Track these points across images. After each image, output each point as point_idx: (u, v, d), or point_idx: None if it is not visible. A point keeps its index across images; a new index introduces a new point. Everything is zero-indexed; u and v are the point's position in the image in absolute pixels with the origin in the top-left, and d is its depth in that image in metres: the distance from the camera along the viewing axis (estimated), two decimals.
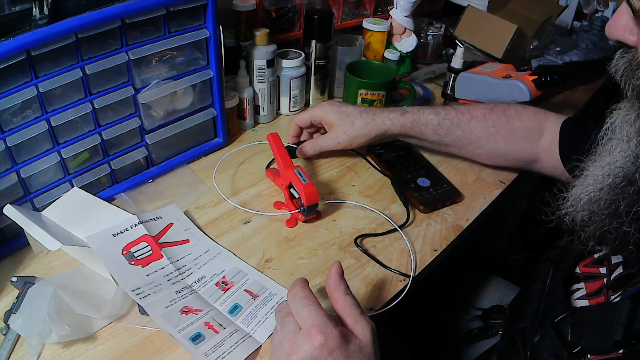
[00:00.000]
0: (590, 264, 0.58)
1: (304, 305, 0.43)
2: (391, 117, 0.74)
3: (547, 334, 0.52)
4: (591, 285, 0.56)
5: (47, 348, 0.51)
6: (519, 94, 0.89)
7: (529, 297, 0.63)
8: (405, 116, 0.74)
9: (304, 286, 0.45)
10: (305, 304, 0.43)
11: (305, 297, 0.43)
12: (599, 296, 0.54)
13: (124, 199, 0.72)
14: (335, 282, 0.45)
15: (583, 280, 0.58)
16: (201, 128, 0.81)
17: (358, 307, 0.44)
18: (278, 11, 0.95)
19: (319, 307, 0.43)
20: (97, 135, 0.67)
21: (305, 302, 0.43)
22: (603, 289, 0.54)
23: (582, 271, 0.59)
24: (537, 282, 0.63)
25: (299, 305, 0.43)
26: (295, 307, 0.44)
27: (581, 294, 0.56)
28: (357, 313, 0.43)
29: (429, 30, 1.19)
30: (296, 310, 0.43)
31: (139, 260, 0.59)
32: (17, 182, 0.60)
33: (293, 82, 0.93)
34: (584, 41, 1.23)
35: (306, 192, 0.66)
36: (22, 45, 0.53)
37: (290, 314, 0.44)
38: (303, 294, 0.44)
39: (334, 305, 0.45)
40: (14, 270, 0.60)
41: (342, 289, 0.45)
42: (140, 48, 0.65)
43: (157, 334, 0.54)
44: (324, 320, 0.41)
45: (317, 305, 0.43)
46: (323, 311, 0.42)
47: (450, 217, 0.74)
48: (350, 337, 0.42)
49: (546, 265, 0.64)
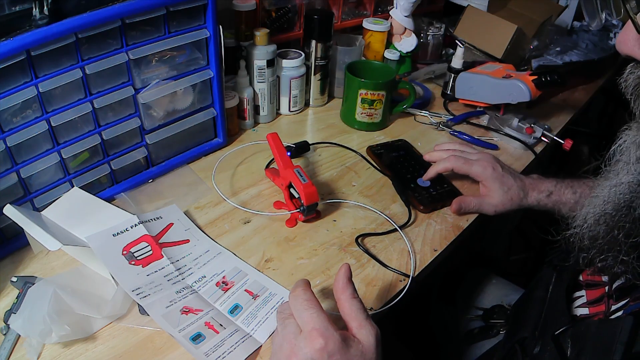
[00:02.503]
0: (592, 272, 0.58)
1: (306, 308, 0.42)
2: (539, 197, 0.74)
3: (548, 346, 0.51)
4: (592, 293, 0.55)
5: (47, 348, 0.51)
6: (519, 94, 0.89)
7: (530, 304, 0.62)
8: (549, 198, 0.74)
9: (306, 288, 0.45)
10: (306, 306, 0.43)
11: (307, 300, 0.43)
12: (600, 304, 0.53)
13: (124, 199, 0.72)
14: (343, 285, 0.45)
15: (584, 287, 0.57)
16: (201, 128, 0.81)
17: (364, 312, 0.44)
18: (278, 11, 0.95)
19: (320, 310, 0.43)
20: (97, 135, 0.67)
21: (307, 304, 0.43)
22: (604, 297, 0.53)
23: (584, 279, 0.59)
24: (539, 290, 0.63)
25: (300, 307, 0.43)
26: (296, 309, 0.43)
27: (582, 302, 0.56)
28: (362, 317, 0.43)
29: (429, 30, 1.19)
30: (297, 312, 0.43)
31: (139, 260, 0.59)
32: (17, 182, 0.60)
33: (293, 82, 0.93)
34: (584, 41, 1.23)
35: (306, 191, 0.66)
36: (22, 45, 0.53)
37: (292, 315, 0.44)
38: (305, 296, 0.44)
39: (340, 308, 0.45)
40: (14, 270, 0.60)
41: (349, 292, 0.44)
42: (140, 48, 0.65)
43: (157, 334, 0.53)
44: (325, 323, 0.41)
45: (318, 308, 0.43)
46: (324, 314, 0.42)
47: (450, 217, 0.74)
48: (351, 342, 0.41)
49: (549, 271, 0.64)
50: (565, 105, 1.11)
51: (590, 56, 1.16)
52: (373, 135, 0.94)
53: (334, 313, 0.45)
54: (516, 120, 0.95)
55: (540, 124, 0.95)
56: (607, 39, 1.31)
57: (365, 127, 0.95)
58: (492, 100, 0.96)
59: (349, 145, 0.89)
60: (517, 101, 0.90)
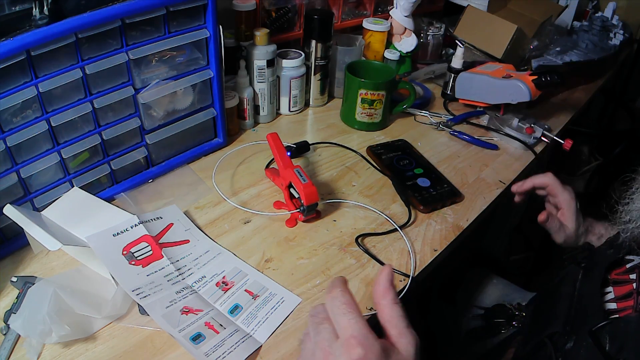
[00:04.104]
0: (622, 272, 0.59)
1: (344, 312, 0.38)
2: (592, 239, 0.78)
3: (583, 341, 0.51)
4: (619, 289, 0.56)
5: (47, 348, 0.51)
6: (519, 94, 0.89)
7: (557, 300, 0.62)
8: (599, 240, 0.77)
9: (345, 289, 0.41)
10: (345, 310, 0.39)
11: (345, 303, 0.39)
12: (628, 300, 0.54)
13: (124, 199, 0.72)
14: (385, 289, 0.40)
15: (612, 284, 0.58)
16: (201, 128, 0.81)
17: (405, 319, 0.40)
18: (278, 11, 0.95)
19: (360, 315, 0.39)
20: (97, 135, 0.67)
21: (345, 308, 0.39)
22: (633, 293, 0.54)
23: (612, 278, 0.59)
24: (565, 286, 0.63)
25: (338, 311, 0.39)
26: (333, 313, 0.39)
27: (610, 297, 0.56)
28: (403, 325, 0.39)
29: (429, 30, 1.19)
30: (335, 316, 0.39)
31: (139, 261, 0.59)
32: (17, 182, 0.60)
33: (293, 82, 0.93)
34: (584, 41, 1.23)
35: (306, 191, 0.66)
36: (22, 45, 0.53)
37: (327, 319, 0.40)
38: (344, 299, 0.39)
39: (379, 314, 0.41)
40: (14, 270, 0.60)
41: (391, 297, 0.40)
42: (140, 48, 0.65)
43: (157, 334, 0.53)
44: (364, 331, 0.37)
45: (358, 313, 0.39)
46: (364, 321, 0.38)
47: (450, 217, 0.74)
48: (390, 352, 0.38)
49: (575, 268, 0.64)
50: (565, 105, 1.11)
51: (590, 56, 1.17)
52: (373, 135, 0.94)
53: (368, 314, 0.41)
54: (516, 120, 0.95)
55: (540, 124, 0.95)
56: (607, 39, 1.31)
57: (365, 127, 0.95)
58: (492, 100, 0.96)
59: (349, 145, 0.89)
60: (517, 101, 0.90)
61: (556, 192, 0.77)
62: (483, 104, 0.99)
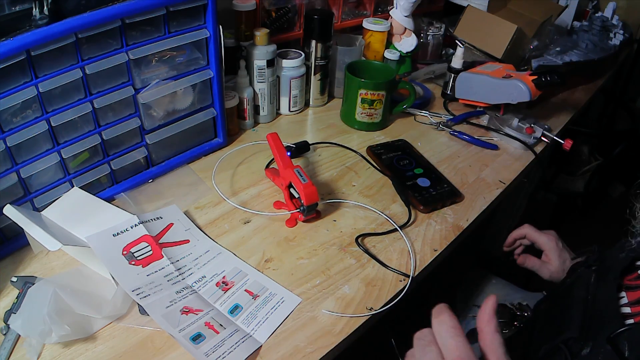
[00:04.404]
0: (634, 278, 0.59)
1: (452, 336, 0.41)
2: None
3: (601, 348, 0.51)
4: (632, 294, 0.56)
5: (47, 348, 0.51)
6: (519, 94, 0.89)
7: (570, 304, 0.62)
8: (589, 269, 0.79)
9: (452, 315, 0.43)
10: (453, 334, 0.42)
11: (453, 327, 0.42)
12: None
13: (124, 199, 0.72)
14: (489, 317, 0.44)
15: (624, 289, 0.58)
16: (201, 128, 0.81)
17: (504, 347, 0.43)
18: (278, 11, 0.95)
19: (466, 339, 0.42)
20: (97, 135, 0.67)
21: (453, 332, 0.42)
22: None
23: (624, 283, 0.59)
24: (578, 289, 0.63)
25: (446, 335, 0.42)
26: (441, 337, 0.42)
27: (624, 302, 0.56)
28: (501, 352, 0.42)
29: (429, 30, 1.19)
30: (442, 339, 0.42)
31: (139, 261, 0.59)
32: (17, 182, 0.60)
33: (293, 82, 0.93)
34: (584, 41, 1.23)
35: (306, 191, 0.66)
36: (22, 45, 0.53)
37: (434, 342, 0.43)
38: (451, 323, 0.42)
39: (481, 339, 0.44)
40: (14, 270, 0.60)
41: (494, 325, 0.43)
42: (140, 48, 0.65)
43: (157, 334, 0.53)
44: (470, 354, 0.40)
45: (464, 337, 0.42)
46: (469, 345, 0.41)
47: (450, 217, 0.74)
48: None
49: (587, 271, 0.64)
50: (565, 105, 1.11)
51: (590, 56, 1.17)
52: (373, 135, 0.94)
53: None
54: (516, 120, 0.95)
55: (540, 124, 0.95)
56: (607, 39, 1.31)
57: (365, 127, 0.95)
58: (492, 100, 0.96)
59: (349, 145, 0.89)
60: (517, 101, 0.90)
61: (535, 239, 0.84)
62: (483, 104, 0.99)
